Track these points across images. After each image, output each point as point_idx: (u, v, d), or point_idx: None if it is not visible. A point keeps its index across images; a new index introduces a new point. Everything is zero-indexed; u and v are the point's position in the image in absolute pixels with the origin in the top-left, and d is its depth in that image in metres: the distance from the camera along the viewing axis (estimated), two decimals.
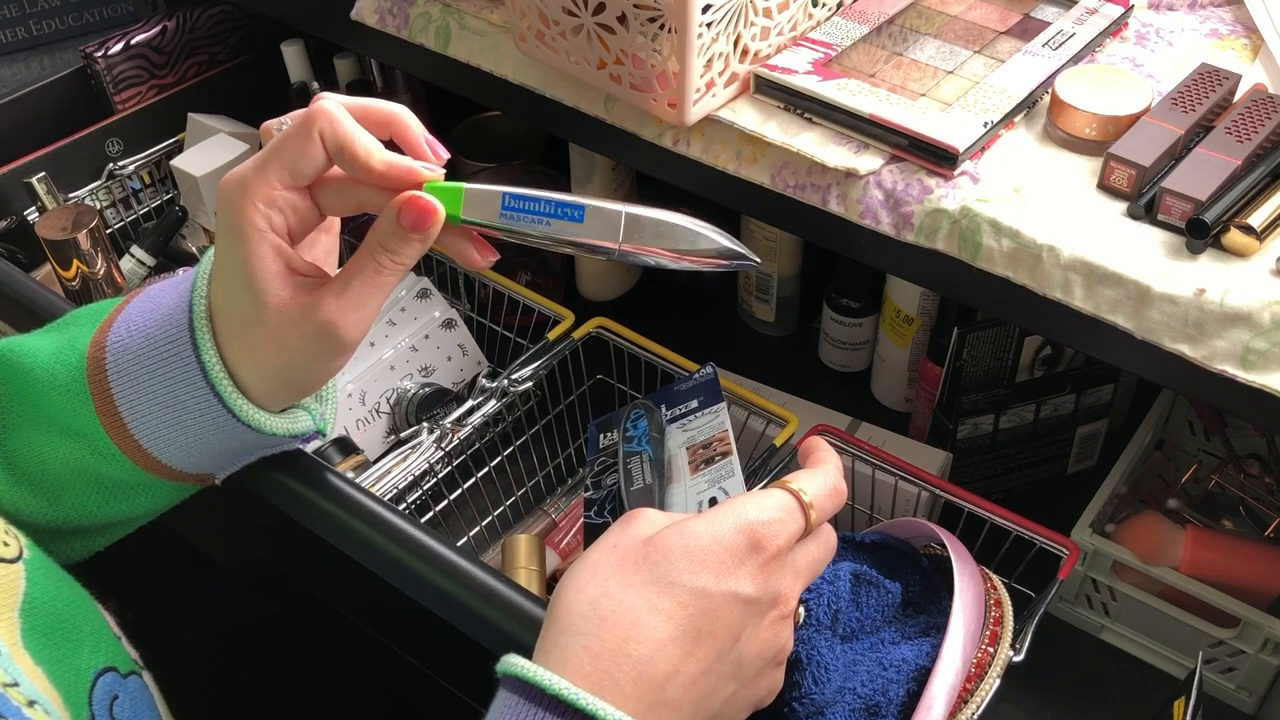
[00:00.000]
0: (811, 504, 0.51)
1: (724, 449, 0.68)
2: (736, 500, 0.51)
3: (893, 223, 0.69)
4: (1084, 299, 0.64)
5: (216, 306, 0.55)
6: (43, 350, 0.58)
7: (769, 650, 0.50)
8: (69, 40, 1.23)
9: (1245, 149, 0.65)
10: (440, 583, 0.63)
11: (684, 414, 0.75)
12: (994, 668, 0.61)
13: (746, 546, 0.49)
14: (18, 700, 0.45)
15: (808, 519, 0.51)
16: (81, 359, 0.56)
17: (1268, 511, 0.90)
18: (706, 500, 0.65)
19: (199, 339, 0.55)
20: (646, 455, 0.73)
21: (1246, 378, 0.60)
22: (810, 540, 0.52)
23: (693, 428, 0.73)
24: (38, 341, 0.59)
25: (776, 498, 0.51)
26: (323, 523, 0.69)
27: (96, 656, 0.54)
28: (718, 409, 0.72)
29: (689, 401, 0.75)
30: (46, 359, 0.57)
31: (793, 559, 0.51)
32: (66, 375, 0.56)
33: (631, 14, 0.69)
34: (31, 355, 0.58)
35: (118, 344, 0.56)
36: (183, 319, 0.55)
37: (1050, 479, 0.98)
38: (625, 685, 0.46)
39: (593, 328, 0.94)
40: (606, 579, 0.48)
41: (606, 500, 0.72)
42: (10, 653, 0.48)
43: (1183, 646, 0.84)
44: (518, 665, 0.46)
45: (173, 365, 0.55)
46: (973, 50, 0.76)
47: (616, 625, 0.47)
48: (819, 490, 0.52)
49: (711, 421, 0.72)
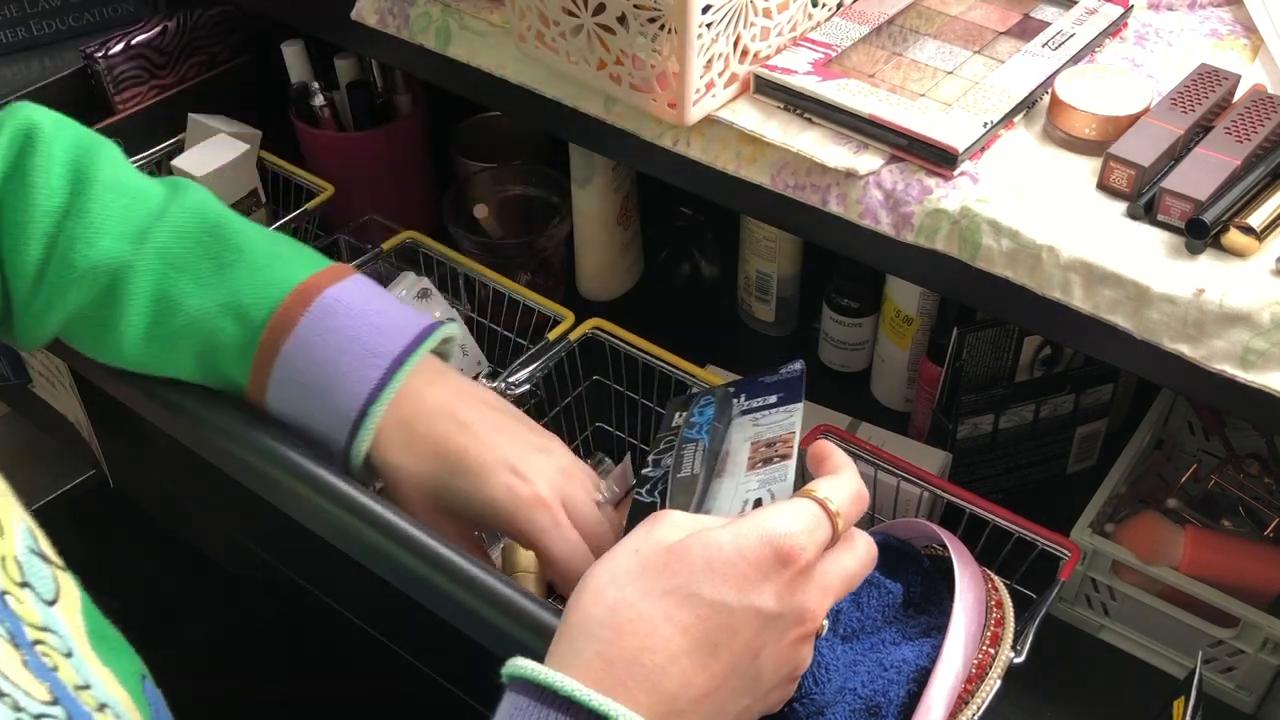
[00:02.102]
0: (838, 512, 0.50)
1: (785, 451, 0.65)
2: (762, 512, 0.50)
3: (892, 223, 0.69)
4: (1083, 299, 0.64)
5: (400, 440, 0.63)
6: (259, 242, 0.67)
7: (786, 667, 0.49)
8: (69, 40, 1.23)
9: (1245, 149, 0.65)
10: (442, 585, 0.63)
11: (760, 407, 0.72)
12: (994, 669, 0.61)
13: (773, 560, 0.48)
14: (89, 704, 0.45)
15: (835, 527, 0.50)
16: (275, 304, 0.64)
17: (1267, 511, 0.90)
18: (753, 501, 0.62)
19: (364, 427, 0.62)
20: (703, 444, 0.71)
21: (1246, 378, 0.60)
22: (843, 551, 0.51)
23: (763, 423, 0.71)
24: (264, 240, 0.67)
25: (803, 507, 0.50)
26: (323, 523, 0.69)
27: (135, 661, 0.55)
28: (793, 409, 0.70)
29: (769, 396, 0.73)
30: (263, 253, 0.66)
31: (822, 573, 0.50)
32: (271, 273, 0.64)
33: (631, 14, 0.69)
34: (252, 241, 0.66)
35: (307, 340, 0.63)
36: (367, 386, 0.63)
37: (1050, 479, 0.98)
38: (638, 695, 0.45)
39: (589, 329, 0.94)
40: (625, 585, 0.48)
41: (659, 481, 0.71)
42: (82, 654, 0.48)
43: (1182, 646, 0.84)
44: (527, 668, 0.46)
45: (336, 397, 0.63)
46: (972, 50, 0.76)
47: (633, 634, 0.46)
48: (844, 497, 0.51)
49: (783, 420, 0.70)
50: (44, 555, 0.50)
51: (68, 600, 0.50)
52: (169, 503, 1.03)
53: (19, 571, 0.47)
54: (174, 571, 1.22)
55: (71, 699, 0.44)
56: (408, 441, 0.62)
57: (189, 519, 1.04)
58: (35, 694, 0.42)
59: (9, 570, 0.46)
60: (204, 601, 1.22)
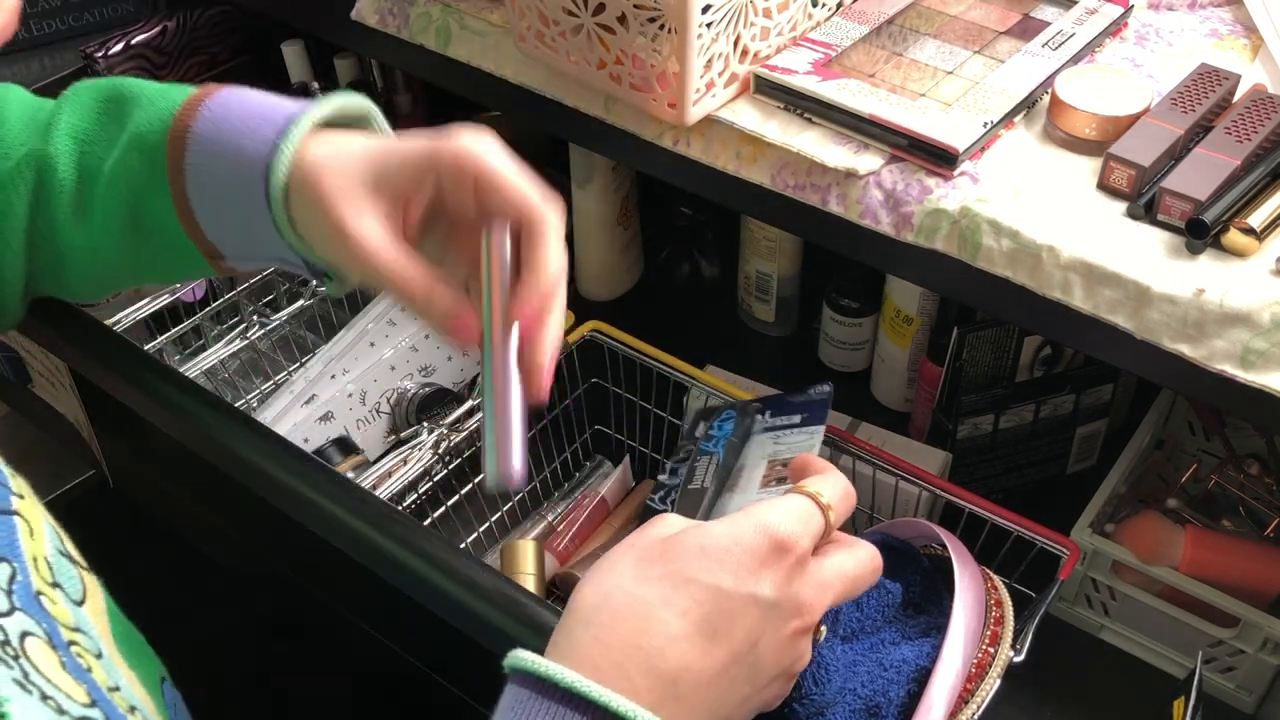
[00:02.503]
0: (830, 505, 0.51)
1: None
2: (756, 506, 0.51)
3: (892, 223, 0.69)
4: (1084, 299, 0.64)
5: (309, 175, 0.57)
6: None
7: (786, 659, 0.50)
8: (69, 40, 1.23)
9: (1245, 149, 0.65)
10: (442, 584, 0.63)
11: (783, 426, 0.73)
12: (994, 668, 0.61)
13: (768, 548, 0.48)
14: (121, 707, 0.45)
15: (827, 519, 0.51)
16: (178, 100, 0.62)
17: (1267, 511, 0.90)
18: None
19: (277, 165, 0.58)
20: (717, 457, 0.72)
21: (1246, 378, 0.60)
22: (842, 550, 0.52)
23: (784, 442, 0.71)
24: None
25: (795, 501, 0.51)
26: (323, 522, 0.69)
27: (155, 664, 0.55)
28: (815, 431, 0.70)
29: (793, 415, 0.73)
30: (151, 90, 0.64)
31: (819, 568, 0.50)
32: (163, 102, 0.63)
33: (631, 14, 0.69)
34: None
35: (210, 117, 0.61)
36: (272, 136, 0.59)
37: (1050, 479, 0.98)
38: (636, 677, 0.45)
39: (586, 331, 0.94)
40: (622, 574, 0.48)
41: (673, 489, 0.71)
42: (110, 655, 0.48)
43: (1182, 646, 0.84)
44: (527, 660, 0.46)
45: (253, 142, 0.59)
46: (972, 50, 0.76)
47: (629, 617, 0.47)
48: (833, 492, 0.52)
49: (804, 441, 0.70)
50: (70, 556, 0.50)
51: (94, 601, 0.50)
52: (169, 503, 1.03)
53: (50, 572, 0.46)
54: (174, 571, 1.22)
55: (107, 701, 0.44)
56: (331, 145, 0.58)
57: (189, 519, 1.04)
58: (75, 696, 0.42)
59: (41, 570, 0.46)
60: (204, 601, 1.22)
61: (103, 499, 1.06)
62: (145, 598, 0.62)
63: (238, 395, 1.02)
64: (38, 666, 0.41)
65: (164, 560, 1.22)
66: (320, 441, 0.94)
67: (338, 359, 0.98)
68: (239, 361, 1.03)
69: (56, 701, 0.40)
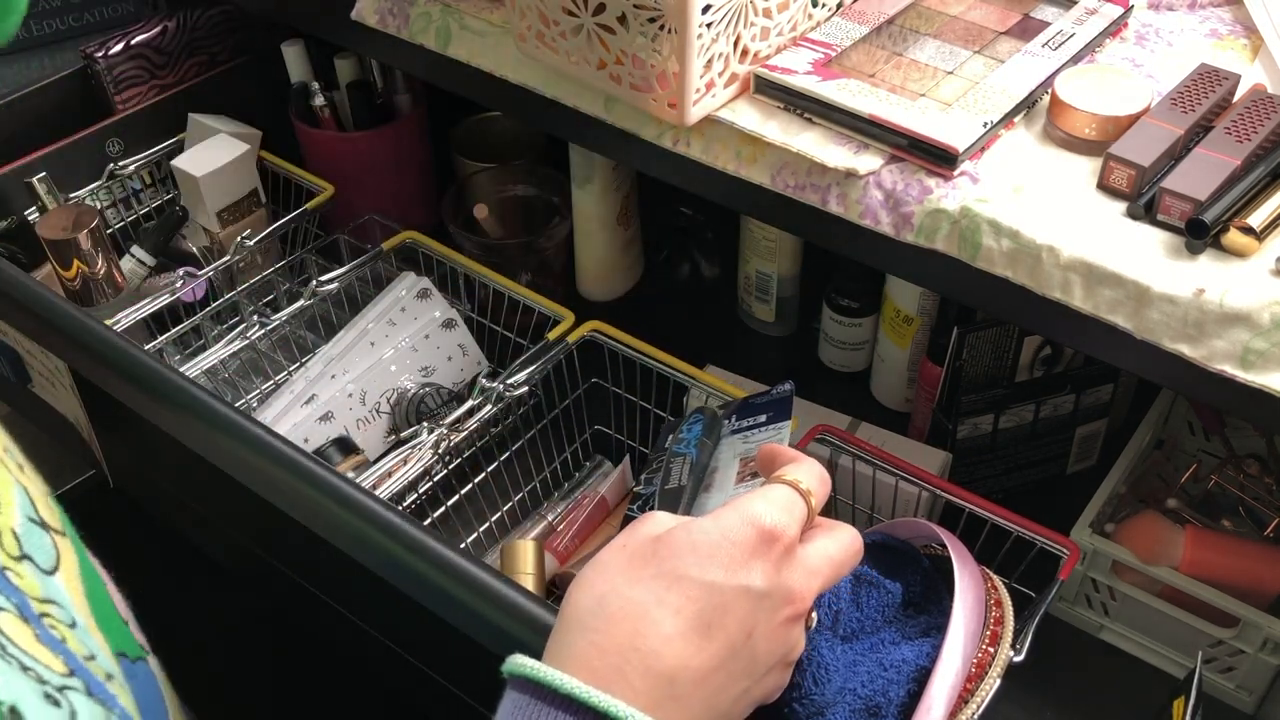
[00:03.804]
0: (809, 490, 0.52)
1: None
2: (740, 499, 0.51)
3: (892, 223, 0.69)
4: (1083, 299, 0.64)
5: None
6: None
7: (780, 648, 0.50)
8: (69, 40, 1.23)
9: (1245, 149, 0.65)
10: (442, 583, 0.63)
11: (750, 426, 0.75)
12: (994, 668, 0.61)
13: (757, 539, 0.49)
14: (99, 674, 0.45)
15: (809, 505, 0.52)
16: None
17: (1267, 511, 0.90)
18: None
19: None
20: (690, 457, 0.73)
21: (1246, 378, 0.60)
22: (824, 535, 0.53)
23: (753, 440, 0.73)
24: None
25: (776, 490, 0.52)
26: (323, 522, 0.69)
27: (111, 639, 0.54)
28: (781, 426, 0.72)
29: (758, 415, 0.75)
30: None
31: (805, 555, 0.51)
32: None
33: (631, 14, 0.69)
34: None
35: None
36: None
37: (1050, 479, 0.98)
38: (634, 680, 0.46)
39: (586, 331, 0.94)
40: (614, 576, 0.49)
41: (651, 498, 0.72)
42: (86, 625, 0.48)
43: (1182, 646, 0.84)
44: (526, 665, 0.46)
45: None
46: (972, 50, 0.76)
47: (624, 620, 0.47)
48: (810, 478, 0.53)
49: (772, 437, 0.72)
50: (42, 522, 0.50)
51: (67, 568, 0.50)
52: (169, 503, 1.04)
53: (16, 545, 0.46)
54: (174, 571, 1.22)
55: (84, 669, 0.44)
56: None
57: (189, 519, 1.04)
58: (54, 666, 0.42)
59: (6, 545, 0.45)
60: (204, 600, 1.23)
61: (103, 499, 1.06)
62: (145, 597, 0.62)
63: (238, 395, 1.02)
64: (13, 639, 0.41)
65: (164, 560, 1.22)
66: (320, 441, 0.94)
67: (338, 359, 0.98)
68: (239, 361, 1.02)
69: (36, 672, 0.40)
